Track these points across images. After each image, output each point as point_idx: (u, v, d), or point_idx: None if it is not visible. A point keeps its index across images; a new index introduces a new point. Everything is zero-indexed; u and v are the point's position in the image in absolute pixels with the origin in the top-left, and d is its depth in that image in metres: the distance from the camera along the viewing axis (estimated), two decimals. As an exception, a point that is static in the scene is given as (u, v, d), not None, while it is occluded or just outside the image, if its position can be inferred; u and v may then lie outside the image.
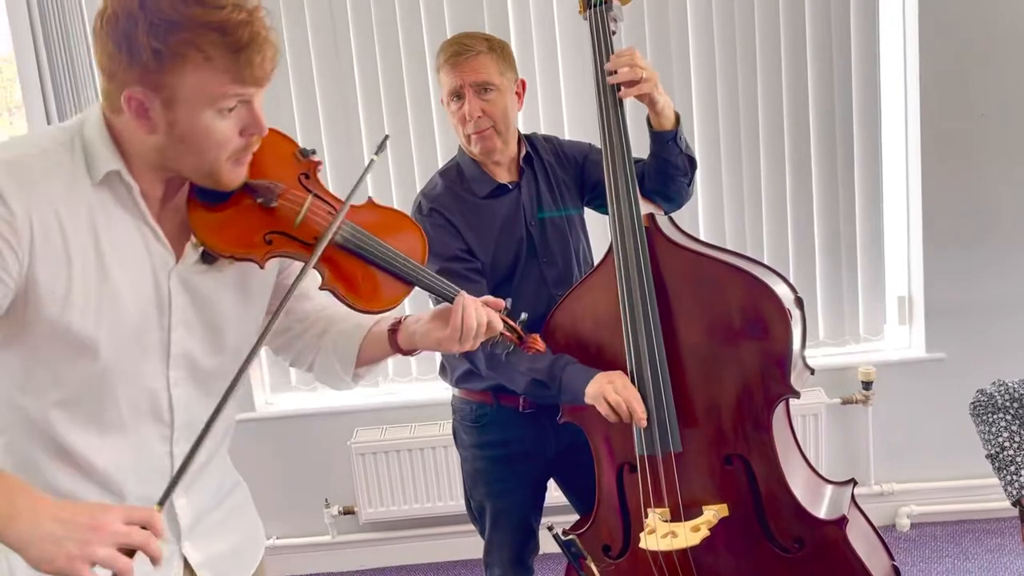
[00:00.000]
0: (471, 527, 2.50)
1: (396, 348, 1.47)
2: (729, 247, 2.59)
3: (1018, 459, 1.68)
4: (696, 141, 3.10)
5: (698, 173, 2.63)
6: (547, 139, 2.27)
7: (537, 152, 2.20)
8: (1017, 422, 1.71)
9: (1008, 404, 1.72)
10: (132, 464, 1.32)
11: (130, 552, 1.08)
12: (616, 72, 1.96)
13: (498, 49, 2.07)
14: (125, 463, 1.31)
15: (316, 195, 1.33)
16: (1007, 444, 1.70)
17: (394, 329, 1.47)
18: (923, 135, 3.06)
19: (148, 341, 1.29)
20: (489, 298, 1.49)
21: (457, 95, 2.05)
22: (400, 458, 3.22)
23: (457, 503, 3.14)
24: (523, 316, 1.58)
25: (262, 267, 1.31)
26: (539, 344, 1.61)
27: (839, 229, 3.18)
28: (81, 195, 1.22)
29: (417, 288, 1.42)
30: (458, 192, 2.13)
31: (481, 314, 1.44)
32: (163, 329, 1.30)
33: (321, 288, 1.35)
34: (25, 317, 1.20)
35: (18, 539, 1.06)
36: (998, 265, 3.09)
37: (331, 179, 3.13)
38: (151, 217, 1.28)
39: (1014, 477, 1.68)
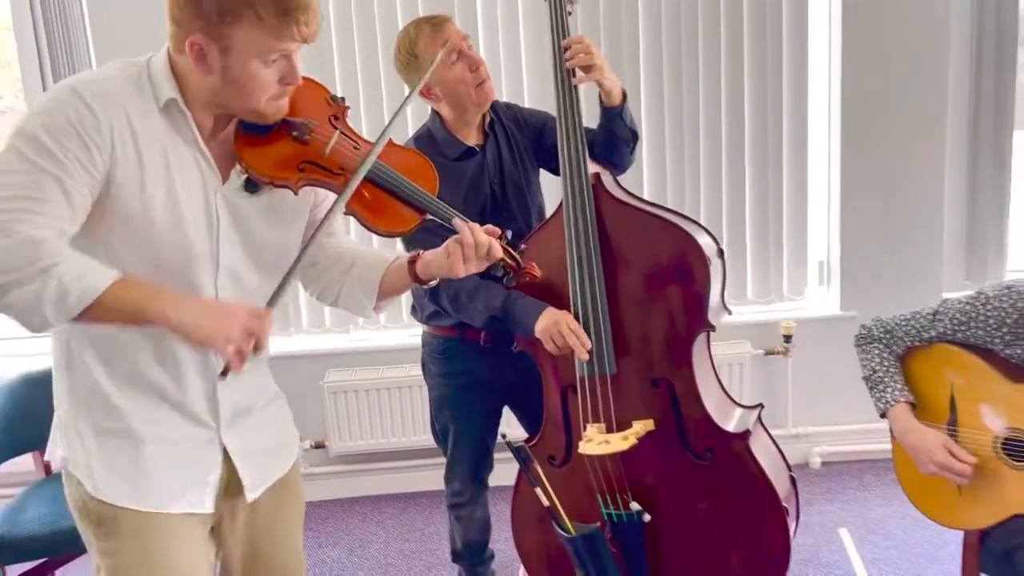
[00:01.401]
0: (432, 460, 2.66)
1: (414, 277, 1.63)
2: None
3: (886, 379, 2.03)
4: (643, 124, 3.33)
5: (644, 160, 2.79)
6: (508, 106, 2.45)
7: (499, 118, 2.39)
8: (888, 350, 2.06)
9: (882, 336, 2.07)
10: (185, 354, 1.51)
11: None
12: (573, 56, 2.16)
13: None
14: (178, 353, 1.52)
15: (343, 132, 1.55)
16: (878, 367, 2.04)
17: (413, 260, 1.63)
18: (843, 123, 3.33)
19: (201, 249, 1.49)
20: (489, 227, 1.62)
21: (459, 53, 2.23)
22: (368, 397, 3.41)
23: (419, 438, 3.39)
24: (522, 247, 1.71)
25: (296, 193, 1.51)
26: (535, 271, 1.71)
27: (768, 203, 3.43)
28: (151, 116, 1.43)
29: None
30: (431, 155, 2.31)
31: (487, 236, 1.58)
32: (212, 240, 1.50)
33: (345, 213, 1.53)
34: (102, 210, 1.39)
35: (187, 320, 1.36)
36: (904, 237, 3.39)
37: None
38: (202, 143, 1.47)
39: (882, 394, 2.03)
